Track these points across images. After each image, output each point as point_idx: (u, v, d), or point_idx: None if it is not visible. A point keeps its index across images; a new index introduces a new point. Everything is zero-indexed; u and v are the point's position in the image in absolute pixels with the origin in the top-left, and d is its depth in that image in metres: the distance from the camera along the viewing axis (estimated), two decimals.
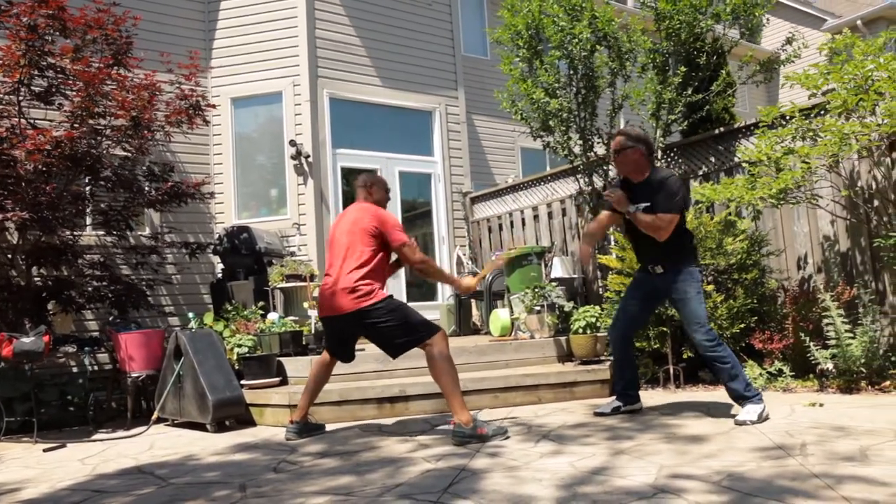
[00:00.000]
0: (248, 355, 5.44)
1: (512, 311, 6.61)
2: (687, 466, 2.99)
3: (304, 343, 5.86)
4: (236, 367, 5.37)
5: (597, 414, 4.44)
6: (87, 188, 6.21)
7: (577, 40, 6.40)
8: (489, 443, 3.76)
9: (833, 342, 4.83)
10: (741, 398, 3.97)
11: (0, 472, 3.92)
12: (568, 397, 5.19)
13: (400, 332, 4.02)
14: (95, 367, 5.96)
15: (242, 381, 5.21)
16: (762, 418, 3.88)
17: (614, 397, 4.57)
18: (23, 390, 5.32)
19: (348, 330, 4.18)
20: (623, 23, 6.74)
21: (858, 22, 15.71)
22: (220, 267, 7.47)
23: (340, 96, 8.53)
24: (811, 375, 5.08)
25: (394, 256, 4.29)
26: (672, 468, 2.98)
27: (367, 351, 5.10)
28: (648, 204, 4.07)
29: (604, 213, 4.48)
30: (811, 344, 4.95)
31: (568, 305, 6.11)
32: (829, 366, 4.89)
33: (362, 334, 4.17)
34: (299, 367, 5.36)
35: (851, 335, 4.80)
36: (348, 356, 4.37)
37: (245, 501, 2.92)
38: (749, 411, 3.88)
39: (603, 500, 2.58)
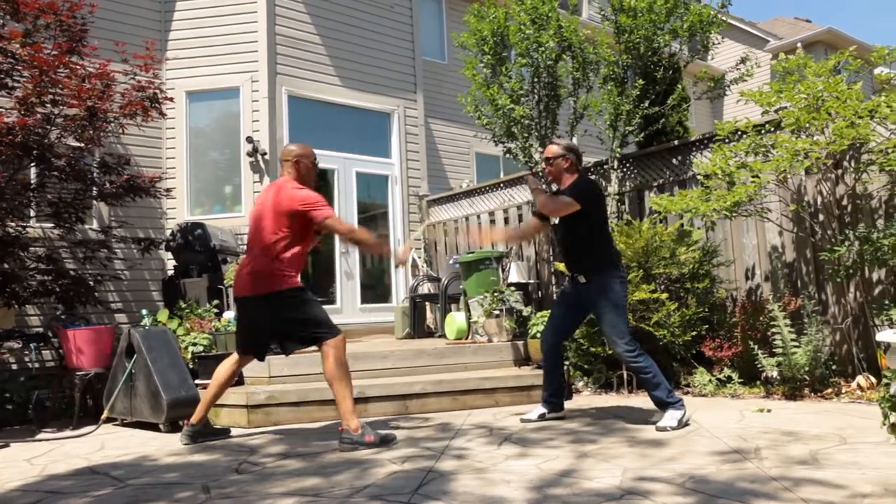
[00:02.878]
0: (203, 354, 5.34)
1: (469, 315, 6.66)
2: (651, 469, 3.08)
3: None
4: (191, 367, 5.26)
5: (523, 420, 4.47)
6: (35, 178, 5.98)
7: (542, 49, 6.49)
8: (383, 448, 3.80)
9: (779, 350, 5.02)
10: (663, 404, 4.11)
11: None
12: (525, 400, 5.25)
13: (306, 324, 3.97)
14: (38, 365, 5.73)
15: (197, 381, 5.10)
16: (682, 424, 4.01)
17: (539, 404, 4.59)
18: None
19: (259, 315, 4.06)
20: (588, 34, 6.88)
21: (798, 45, 16.36)
22: (171, 264, 7.29)
23: (299, 94, 8.44)
24: (758, 382, 5.27)
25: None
26: (637, 471, 3.05)
27: None
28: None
29: (532, 219, 4.69)
30: (759, 352, 5.14)
31: (526, 310, 6.19)
32: (775, 373, 5.09)
33: (269, 321, 4.05)
34: (258, 368, 5.26)
35: (796, 344, 5.00)
36: (260, 350, 4.25)
37: (211, 502, 2.87)
38: (669, 417, 4.02)
39: (573, 501, 2.64)
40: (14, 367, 6.24)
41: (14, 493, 3.20)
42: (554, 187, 4.63)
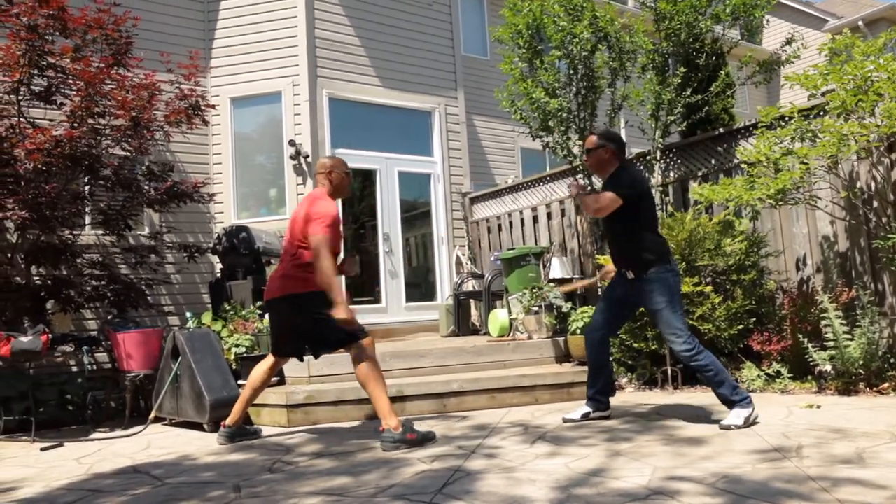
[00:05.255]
0: (245, 355, 5.44)
1: (510, 312, 6.61)
2: (683, 468, 2.98)
3: None
4: (234, 367, 5.37)
5: (565, 420, 4.32)
6: (87, 187, 6.21)
7: (577, 40, 6.39)
8: (425, 447, 3.78)
9: (831, 344, 4.81)
10: (729, 403, 3.91)
11: None
12: (565, 398, 5.18)
13: (332, 326, 3.99)
14: (94, 367, 5.95)
15: (240, 381, 5.19)
16: (748, 423, 3.81)
17: (584, 402, 4.43)
18: (20, 389, 5.32)
19: (288, 316, 4.16)
20: (625, 23, 6.73)
21: (860, 23, 15.69)
22: (219, 266, 7.47)
23: (340, 96, 8.52)
24: (809, 377, 5.07)
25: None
26: (668, 470, 2.97)
27: None
28: None
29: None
30: (809, 346, 4.93)
31: (566, 306, 6.10)
32: (828, 367, 4.88)
33: (298, 322, 4.14)
34: (297, 368, 5.34)
35: (850, 337, 4.78)
36: (297, 351, 4.35)
37: (240, 502, 2.92)
38: (735, 416, 3.83)
39: (597, 501, 2.58)
40: (74, 369, 6.51)
41: (59, 492, 3.33)
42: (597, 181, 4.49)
